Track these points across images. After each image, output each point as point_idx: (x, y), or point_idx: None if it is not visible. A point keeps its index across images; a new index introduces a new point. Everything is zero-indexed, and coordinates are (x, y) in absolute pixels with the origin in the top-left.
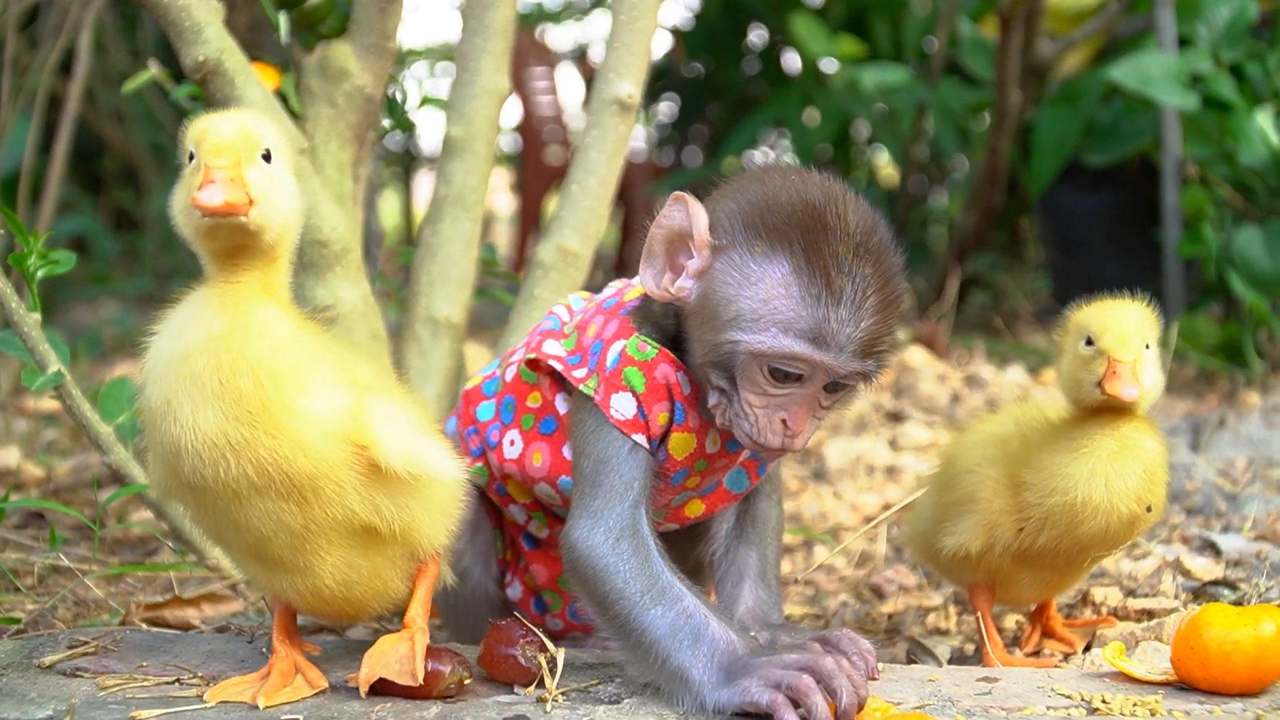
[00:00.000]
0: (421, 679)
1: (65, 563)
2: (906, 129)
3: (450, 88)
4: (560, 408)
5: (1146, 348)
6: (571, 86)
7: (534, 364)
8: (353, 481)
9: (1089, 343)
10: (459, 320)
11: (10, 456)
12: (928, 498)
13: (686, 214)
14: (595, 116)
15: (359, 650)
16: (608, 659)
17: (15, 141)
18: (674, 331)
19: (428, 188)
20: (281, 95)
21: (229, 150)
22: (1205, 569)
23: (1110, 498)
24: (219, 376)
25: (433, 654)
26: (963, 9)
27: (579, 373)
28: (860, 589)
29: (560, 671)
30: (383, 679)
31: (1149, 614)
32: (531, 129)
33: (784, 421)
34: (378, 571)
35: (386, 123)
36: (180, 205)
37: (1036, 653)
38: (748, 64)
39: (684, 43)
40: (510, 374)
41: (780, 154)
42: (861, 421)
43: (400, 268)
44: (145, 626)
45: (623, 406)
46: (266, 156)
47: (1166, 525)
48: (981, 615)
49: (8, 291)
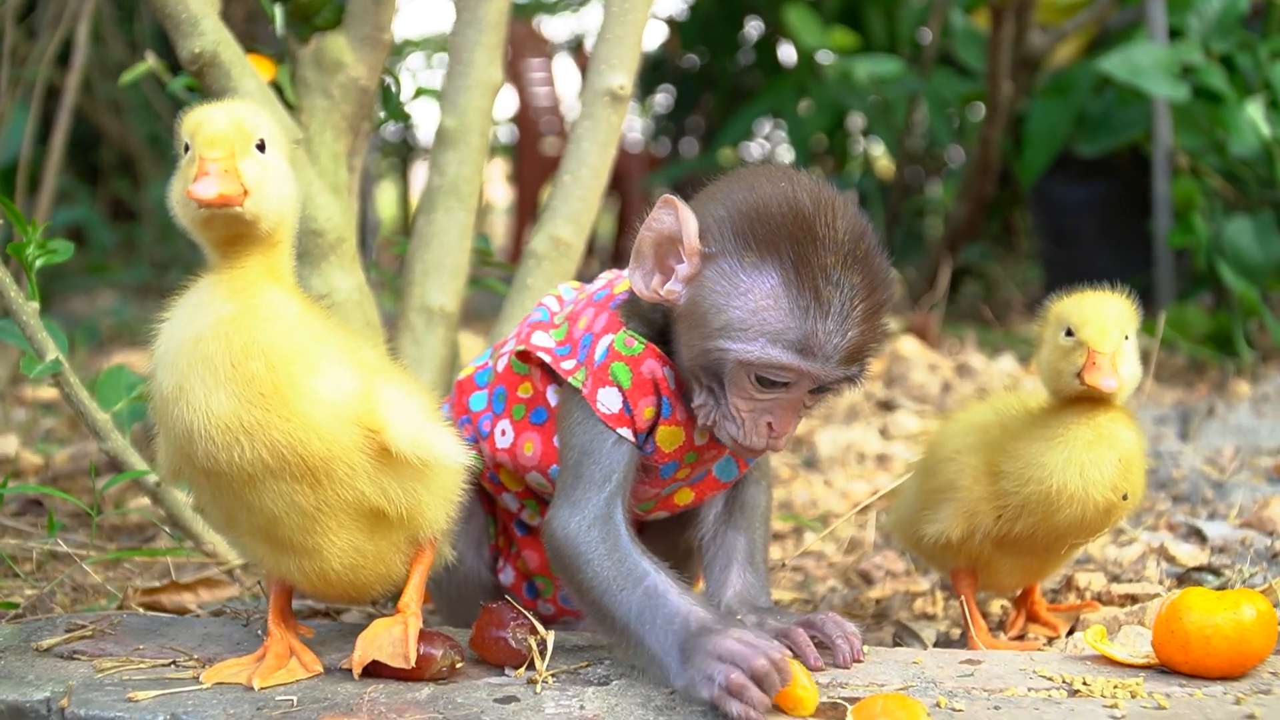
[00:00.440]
0: (414, 662)
1: (63, 548)
2: (900, 120)
3: (444, 79)
4: (551, 399)
5: (1125, 339)
6: (568, 77)
7: (524, 355)
8: (363, 464)
9: (1069, 334)
10: (453, 309)
11: (9, 444)
12: (911, 485)
13: (676, 219)
14: (587, 108)
15: (353, 633)
16: (597, 641)
17: (13, 132)
18: (662, 326)
19: (424, 178)
20: (277, 87)
21: (223, 142)
22: (1190, 555)
23: (1085, 486)
24: (231, 360)
25: (425, 637)
26: (955, 0)
27: (567, 364)
28: (849, 575)
29: (550, 654)
30: (376, 661)
31: (1132, 599)
32: (528, 119)
33: (769, 425)
34: (382, 555)
35: (381, 114)
36: (177, 196)
37: (1021, 637)
38: (743, 55)
39: (679, 34)
40: (501, 365)
41: (776, 144)
42: (853, 410)
43: (396, 257)
44: (142, 610)
45: (609, 401)
46: (261, 146)
47: (1153, 512)
48: (965, 599)
49: (6, 280)
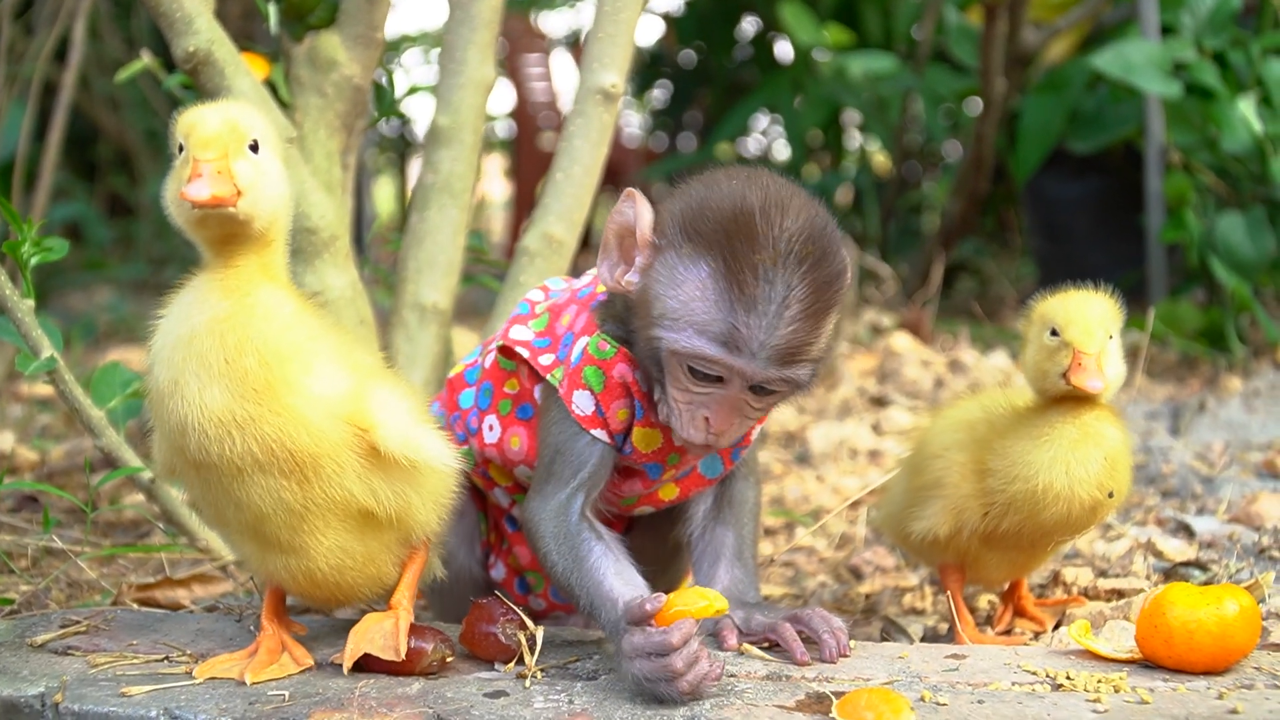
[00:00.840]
0: (404, 654)
1: (58, 545)
2: (895, 116)
3: (437, 77)
4: (538, 396)
5: (1110, 339)
6: (566, 72)
7: (506, 351)
8: (352, 462)
9: (1054, 334)
10: (446, 306)
11: (5, 441)
12: (899, 481)
13: (635, 211)
14: (580, 106)
15: (345, 629)
16: (586, 636)
17: (10, 128)
18: (630, 324)
19: (418, 175)
20: (271, 85)
21: (216, 143)
22: (1178, 550)
23: (1071, 485)
24: (224, 356)
25: (416, 632)
26: None
27: (545, 359)
28: (839, 570)
29: (540, 649)
30: (367, 655)
31: (1119, 594)
32: (526, 115)
33: (706, 419)
34: (371, 557)
35: (375, 112)
36: (172, 196)
37: (1008, 632)
38: (739, 51)
39: (676, 29)
40: (489, 361)
41: (773, 140)
42: (845, 406)
43: (391, 253)
44: (136, 606)
45: (583, 403)
46: (254, 147)
47: (1141, 507)
48: (952, 595)
49: (2, 278)
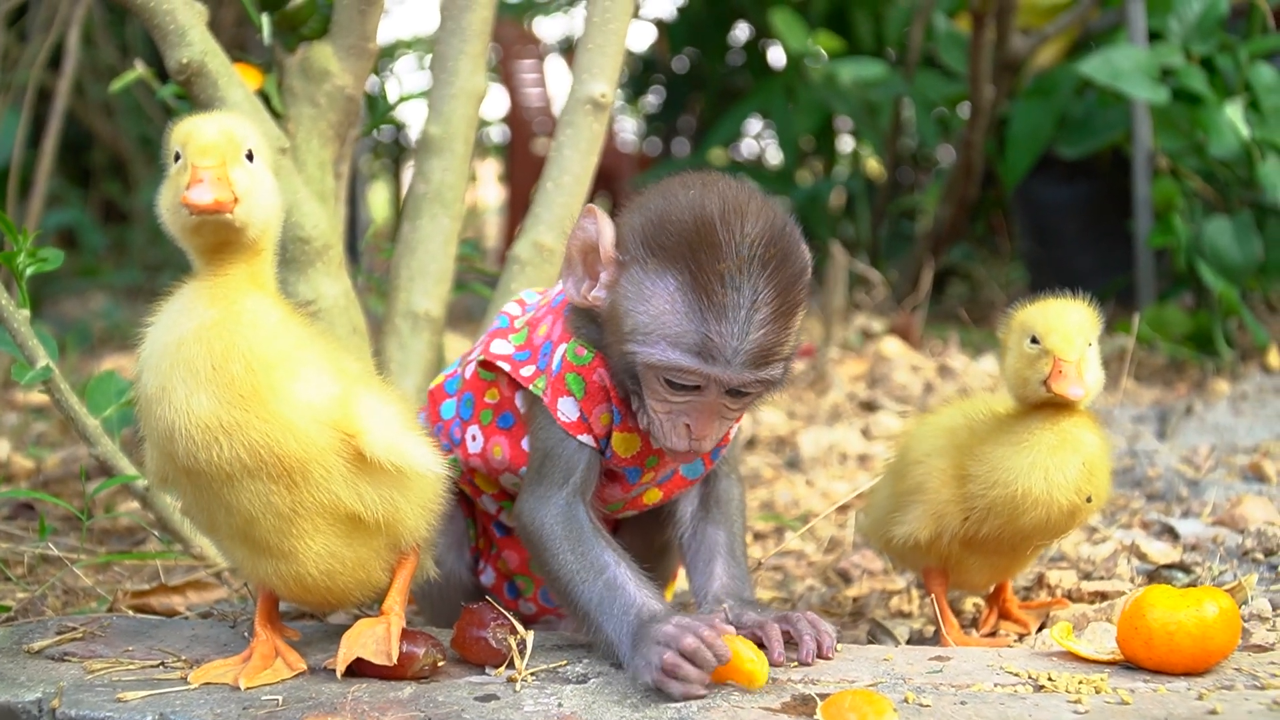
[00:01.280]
0: (396, 659)
1: (54, 552)
2: (885, 122)
3: (429, 87)
4: (519, 404)
5: (1089, 346)
6: (560, 78)
7: (488, 364)
8: (339, 468)
9: (1034, 341)
10: (438, 314)
11: (1, 449)
12: (883, 487)
13: (596, 227)
14: (569, 115)
15: (338, 634)
16: (576, 641)
17: (4, 135)
18: (600, 334)
19: (410, 184)
20: (264, 95)
21: (215, 151)
22: (1162, 553)
23: (1049, 490)
24: (211, 362)
25: (408, 636)
26: (938, 4)
27: (527, 370)
28: (827, 573)
29: (530, 653)
30: (360, 660)
31: (1102, 596)
32: (520, 120)
33: (687, 426)
34: (361, 562)
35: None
36: (167, 204)
37: (993, 634)
38: (732, 57)
39: (668, 35)
40: (469, 372)
41: (766, 144)
42: (835, 411)
43: (385, 260)
44: (131, 613)
45: (567, 410)
46: (249, 156)
47: (1127, 510)
48: (936, 598)
49: None
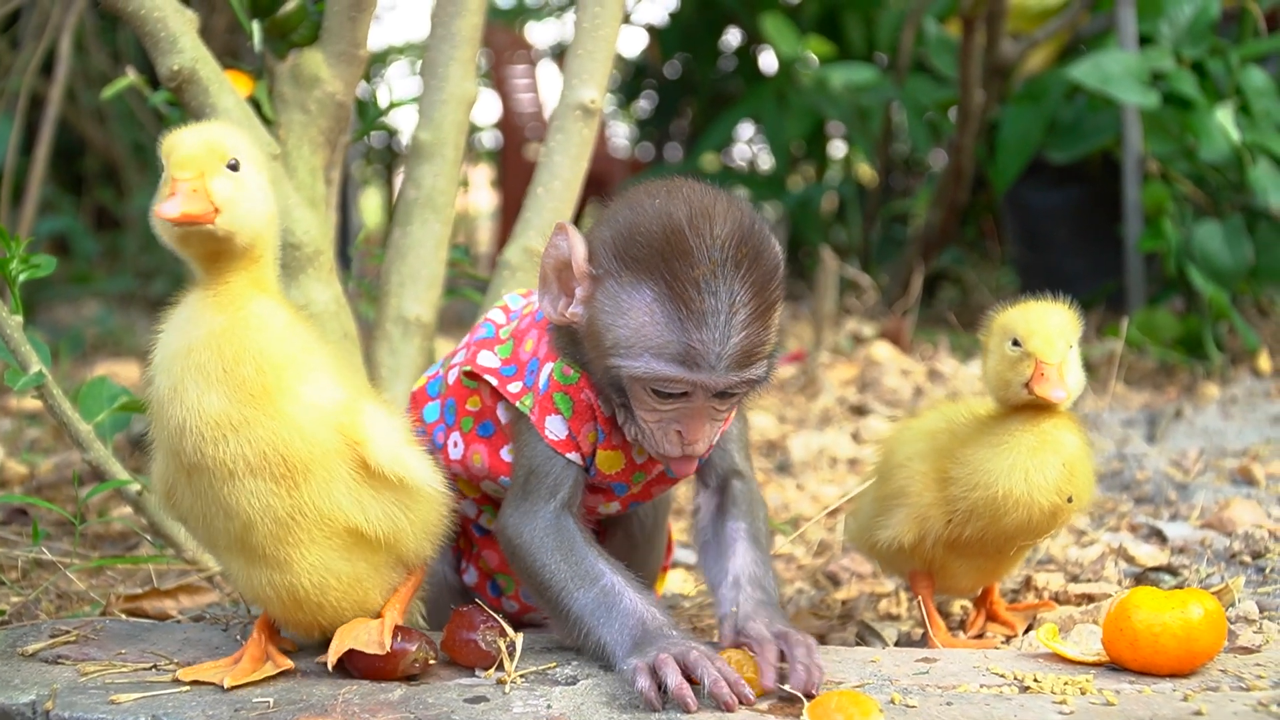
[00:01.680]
0: (388, 647)
1: (48, 557)
2: (876, 127)
3: (419, 93)
4: (501, 415)
5: (1070, 348)
6: (552, 83)
7: (472, 375)
8: (342, 474)
9: (1015, 344)
10: (429, 319)
11: None
12: (867, 492)
13: (569, 243)
14: (559, 121)
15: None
16: (565, 644)
17: None
18: (579, 352)
19: (400, 190)
20: (255, 102)
21: (192, 163)
22: (1149, 555)
23: (1030, 491)
24: (223, 365)
25: (400, 632)
26: (928, 9)
27: (514, 387)
28: (817, 576)
29: (519, 655)
30: (352, 656)
31: (1089, 598)
32: (512, 125)
33: (678, 433)
34: (357, 579)
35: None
36: (156, 215)
37: (980, 636)
38: (724, 62)
39: (660, 41)
40: (452, 377)
41: (758, 149)
42: (825, 415)
43: (376, 265)
44: (124, 616)
45: (555, 428)
46: (234, 166)
47: (1115, 513)
48: (923, 600)
49: None
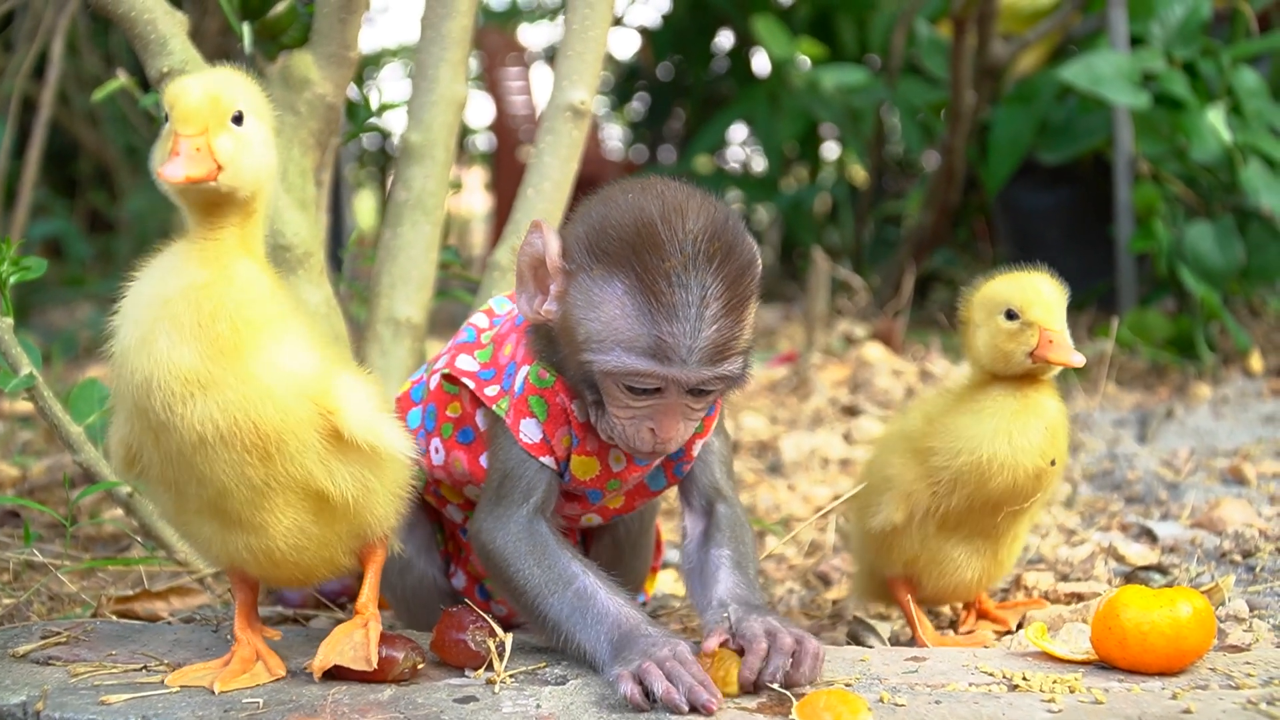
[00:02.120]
0: (375, 664)
1: (39, 558)
2: (868, 128)
3: (410, 95)
4: (480, 422)
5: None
6: (545, 85)
7: (451, 378)
8: (315, 443)
9: (1010, 316)
10: (419, 321)
11: None
12: (861, 503)
13: (543, 240)
14: (549, 123)
15: (318, 638)
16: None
17: None
18: (559, 355)
19: (390, 192)
20: None
21: (196, 118)
22: (1139, 555)
23: (1014, 454)
24: (198, 320)
25: (386, 640)
26: (920, 11)
27: (491, 390)
28: (808, 576)
29: (508, 655)
30: (339, 664)
31: (1078, 597)
32: (505, 127)
33: (652, 430)
34: (327, 540)
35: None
36: (158, 164)
37: (970, 633)
38: (716, 64)
39: (653, 43)
40: (433, 383)
41: (752, 151)
42: (817, 416)
43: (367, 267)
44: (115, 618)
45: (529, 431)
46: (239, 118)
47: (1105, 513)
48: (901, 605)
49: None
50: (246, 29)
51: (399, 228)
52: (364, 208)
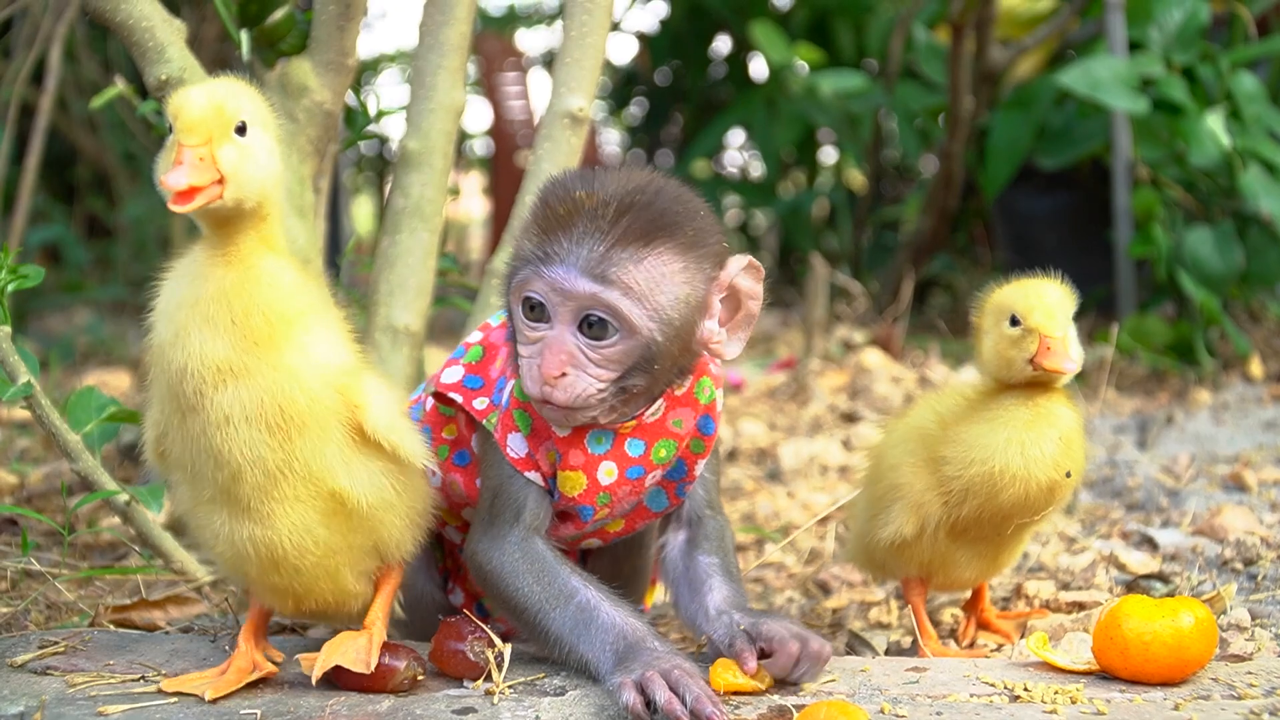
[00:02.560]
0: (373, 667)
1: (37, 567)
2: (866, 134)
3: (408, 102)
4: (475, 446)
5: (1069, 322)
6: (543, 91)
7: (443, 398)
8: (337, 434)
9: (1014, 322)
10: (418, 329)
11: None
12: (860, 500)
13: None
14: (547, 129)
15: (316, 647)
16: None
17: None
18: None
19: (388, 199)
20: None
21: (200, 129)
22: (1141, 563)
23: (1027, 465)
24: (232, 318)
25: (389, 649)
26: (918, 16)
27: (479, 403)
28: (807, 585)
29: (508, 666)
30: (341, 673)
31: (1080, 606)
32: (503, 133)
33: (540, 368)
34: (334, 549)
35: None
36: (161, 174)
37: (971, 644)
38: (714, 69)
39: (650, 48)
40: (429, 404)
41: (750, 156)
42: (816, 422)
43: (365, 275)
44: (113, 628)
45: (516, 446)
46: (241, 129)
47: (1106, 520)
48: (915, 608)
49: None
50: (244, 36)
51: (397, 235)
52: (362, 214)
